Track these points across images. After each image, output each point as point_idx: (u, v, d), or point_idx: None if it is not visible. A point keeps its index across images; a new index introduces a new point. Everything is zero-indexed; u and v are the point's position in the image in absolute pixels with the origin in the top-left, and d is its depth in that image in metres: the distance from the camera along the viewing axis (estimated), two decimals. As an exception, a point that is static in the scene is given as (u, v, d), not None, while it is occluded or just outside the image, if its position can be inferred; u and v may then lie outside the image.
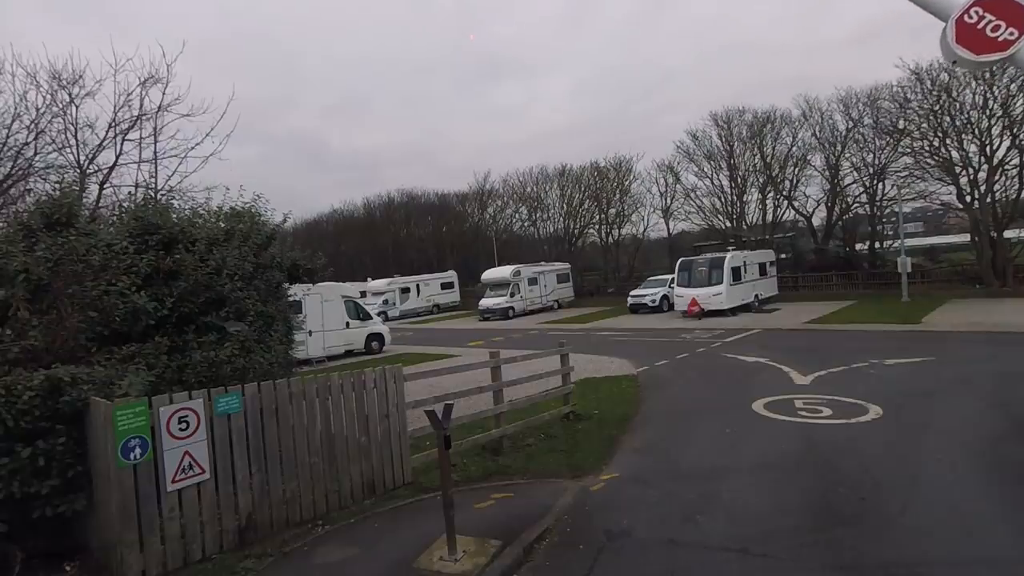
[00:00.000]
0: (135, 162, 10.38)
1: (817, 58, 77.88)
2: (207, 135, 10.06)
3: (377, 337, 20.38)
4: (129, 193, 10.30)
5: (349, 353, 19.81)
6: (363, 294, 40.88)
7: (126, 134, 10.98)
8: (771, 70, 79.20)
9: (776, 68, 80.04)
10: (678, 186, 36.28)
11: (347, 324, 19.36)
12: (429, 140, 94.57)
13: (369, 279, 41.18)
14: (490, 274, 33.05)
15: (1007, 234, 24.94)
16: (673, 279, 25.11)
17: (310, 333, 18.11)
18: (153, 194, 9.17)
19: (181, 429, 3.90)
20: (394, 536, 4.77)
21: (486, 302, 31.39)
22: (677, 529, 4.77)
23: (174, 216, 7.12)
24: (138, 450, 3.69)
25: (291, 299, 17.77)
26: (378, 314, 37.14)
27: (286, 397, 4.72)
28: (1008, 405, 8.03)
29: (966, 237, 29.06)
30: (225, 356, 5.72)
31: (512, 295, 31.07)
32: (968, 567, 4.01)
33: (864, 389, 9.26)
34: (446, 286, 41.09)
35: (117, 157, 10.89)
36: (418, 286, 39.74)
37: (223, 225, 7.13)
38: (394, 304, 38.39)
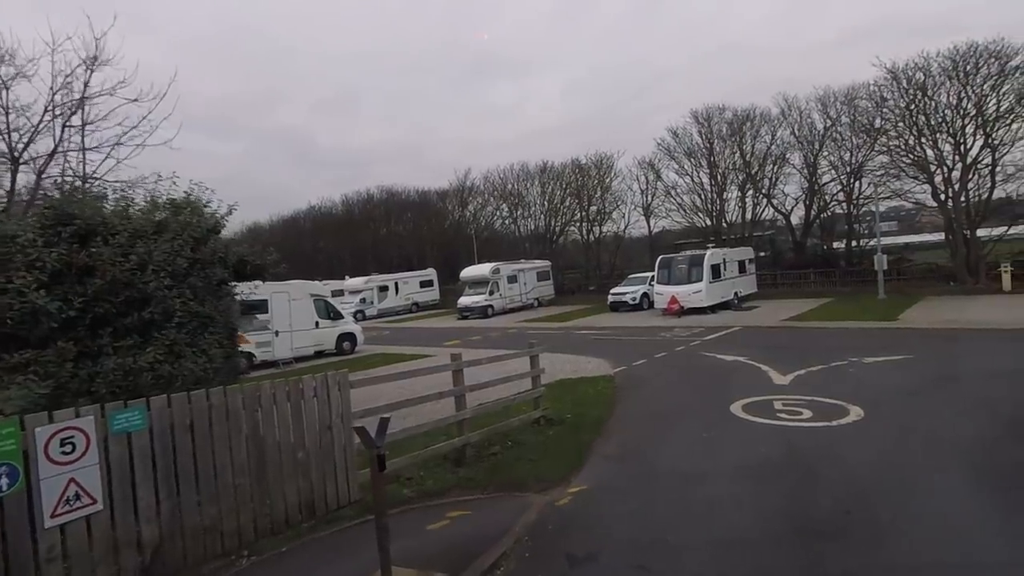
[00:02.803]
0: (78, 150, 9.57)
1: (806, 60, 78.88)
2: (143, 118, 9.30)
3: (349, 337, 19.68)
4: (68, 183, 9.51)
5: (320, 354, 19.09)
6: (340, 292, 40.10)
7: (67, 120, 10.17)
8: (764, 72, 79.93)
9: (768, 70, 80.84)
10: (659, 183, 36.09)
11: (317, 324, 18.63)
12: (419, 138, 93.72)
13: (347, 277, 40.27)
14: (469, 272, 32.45)
15: (980, 232, 25.13)
16: (653, 277, 24.82)
17: (276, 333, 17.40)
18: (82, 183, 8.40)
19: (64, 452, 3.30)
20: (329, 567, 4.23)
21: (465, 300, 30.80)
22: (648, 552, 4.31)
23: (108, 207, 6.46)
24: (4, 480, 3.09)
25: (254, 298, 17.13)
26: (355, 313, 36.45)
27: (204, 410, 4.13)
28: (989, 404, 7.76)
29: (939, 236, 29.35)
30: (146, 363, 5.09)
31: (491, 293, 30.53)
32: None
33: (844, 389, 8.95)
34: (425, 284, 40.38)
35: (57, 145, 10.08)
36: (397, 284, 38.97)
37: (157, 216, 6.47)
38: (372, 303, 37.59)
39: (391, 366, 15.01)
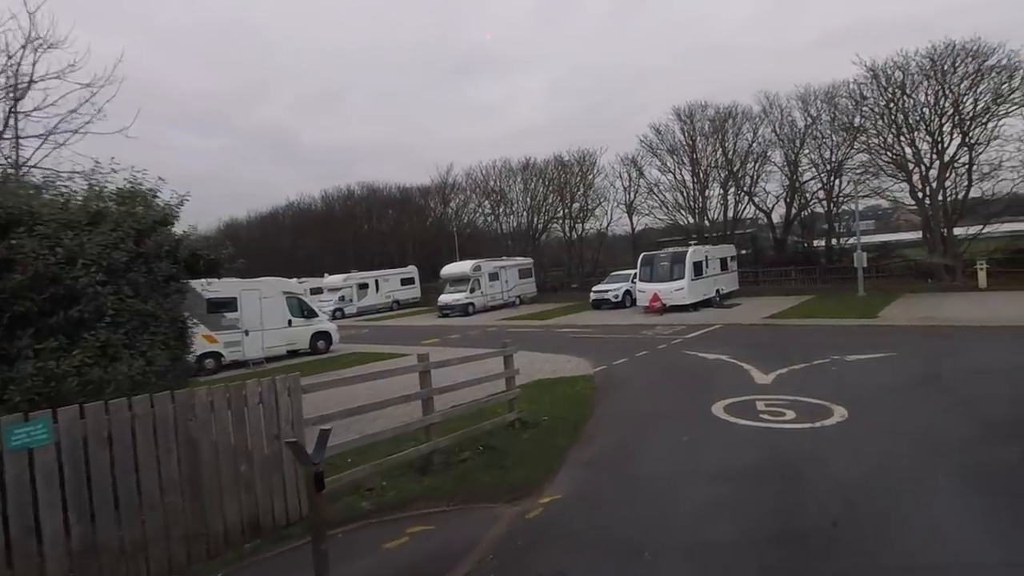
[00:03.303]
0: (15, 137, 8.93)
1: (790, 60, 79.55)
2: (86, 101, 8.71)
3: (324, 336, 19.10)
4: (11, 172, 8.86)
5: (293, 353, 18.50)
6: (319, 290, 39.27)
7: (15, 107, 9.50)
8: (748, 72, 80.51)
9: (752, 70, 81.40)
10: (641, 181, 35.97)
11: (289, 322, 18.02)
12: (405, 136, 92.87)
13: (326, 274, 39.46)
14: (449, 269, 31.96)
15: (956, 231, 25.37)
16: (636, 274, 24.61)
17: (247, 333, 16.78)
18: (15, 171, 7.80)
19: (-55, 474, 2.85)
20: (269, 594, 3.81)
21: (445, 298, 30.32)
22: (623, 570, 3.96)
23: (45, 196, 5.92)
24: None
25: (222, 296, 16.51)
26: (334, 311, 35.75)
27: (125, 420, 3.67)
28: (972, 403, 7.58)
29: (917, 234, 29.64)
30: (71, 367, 4.59)
31: (472, 291, 30.09)
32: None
33: (827, 388, 8.73)
34: (406, 282, 39.77)
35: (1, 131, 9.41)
36: (377, 282, 38.31)
37: (97, 206, 5.94)
38: (351, 300, 36.90)
39: (364, 366, 14.55)
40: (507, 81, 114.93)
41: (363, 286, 37.65)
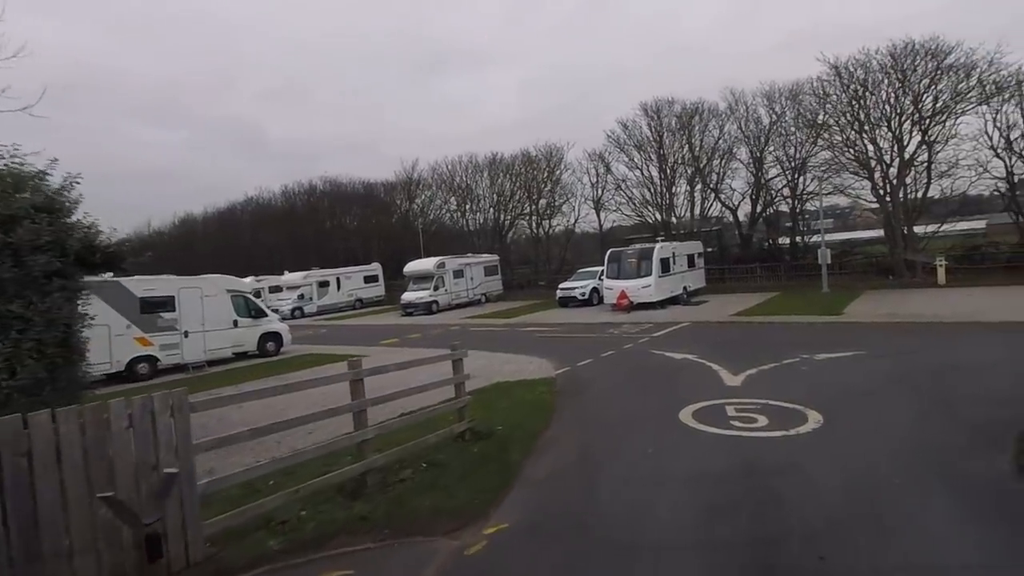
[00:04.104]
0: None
1: (760, 61, 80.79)
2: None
3: (273, 337, 17.91)
4: None
5: (242, 356, 17.30)
6: (278, 288, 37.64)
7: None
8: (718, 72, 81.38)
9: (722, 70, 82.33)
10: (609, 176, 35.63)
11: (235, 323, 16.80)
12: (373, 132, 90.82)
13: (286, 272, 37.84)
14: (413, 266, 30.95)
15: (916, 228, 25.76)
16: (603, 271, 24.13)
17: (186, 334, 15.52)
18: None
19: None
20: None
21: (408, 296, 29.31)
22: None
23: None
24: None
25: (155, 296, 15.21)
26: (292, 310, 34.30)
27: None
28: (950, 404, 7.20)
29: (878, 232, 30.12)
30: None
31: (436, 288, 29.15)
32: None
33: (799, 390, 8.25)
34: (370, 279, 38.48)
35: None
36: (338, 279, 36.93)
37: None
38: (311, 299, 35.47)
39: (296, 372, 13.58)
40: (478, 78, 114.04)
41: (324, 284, 36.25)
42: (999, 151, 24.20)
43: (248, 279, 38.31)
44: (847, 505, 4.57)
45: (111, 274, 15.23)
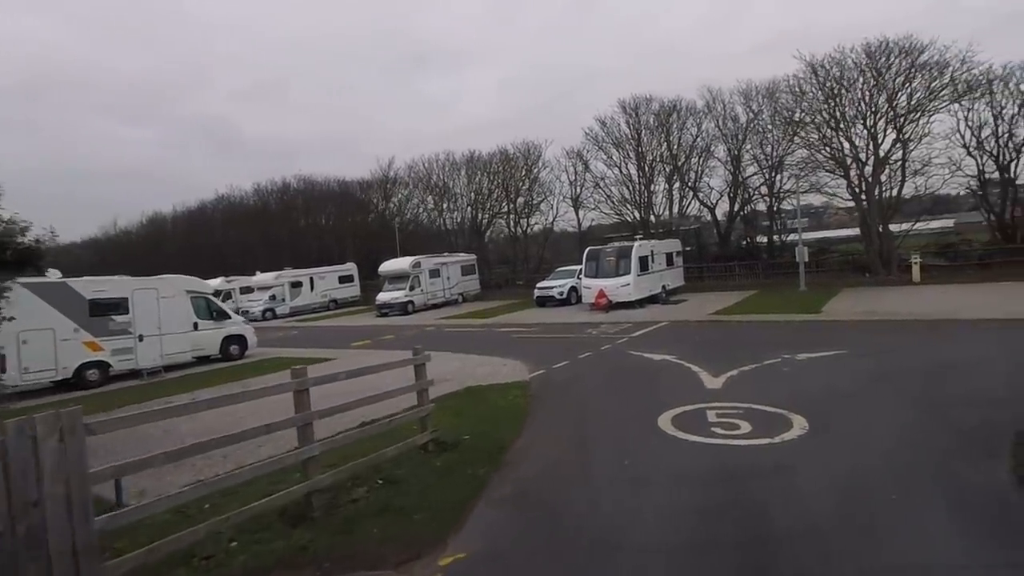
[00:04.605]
0: None
1: (743, 62, 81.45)
2: None
3: (237, 340, 17.09)
4: None
5: (204, 360, 16.46)
6: (249, 289, 36.48)
7: None
8: (700, 74, 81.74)
9: (702, 71, 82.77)
10: (587, 174, 35.30)
11: (195, 325, 15.94)
12: (352, 130, 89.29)
13: (258, 272, 36.68)
14: (388, 266, 30.18)
15: (891, 227, 25.91)
16: (581, 270, 23.72)
17: (141, 338, 14.64)
18: None
19: None
20: None
21: (383, 296, 28.55)
22: None
23: None
24: None
25: (105, 297, 14.30)
26: (264, 311, 33.23)
27: None
28: (939, 408, 6.86)
29: (854, 231, 30.32)
30: None
31: (412, 288, 28.45)
32: None
33: (782, 393, 7.88)
34: (345, 279, 37.52)
35: None
36: (312, 280, 35.93)
37: None
38: (283, 300, 34.42)
39: (267, 377, 12.86)
40: (458, 77, 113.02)
41: (297, 284, 35.23)
42: (971, 150, 24.50)
43: (218, 280, 37.16)
44: (839, 522, 4.14)
45: (58, 273, 14.51)
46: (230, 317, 17.27)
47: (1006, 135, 24.01)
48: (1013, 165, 24.39)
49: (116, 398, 11.70)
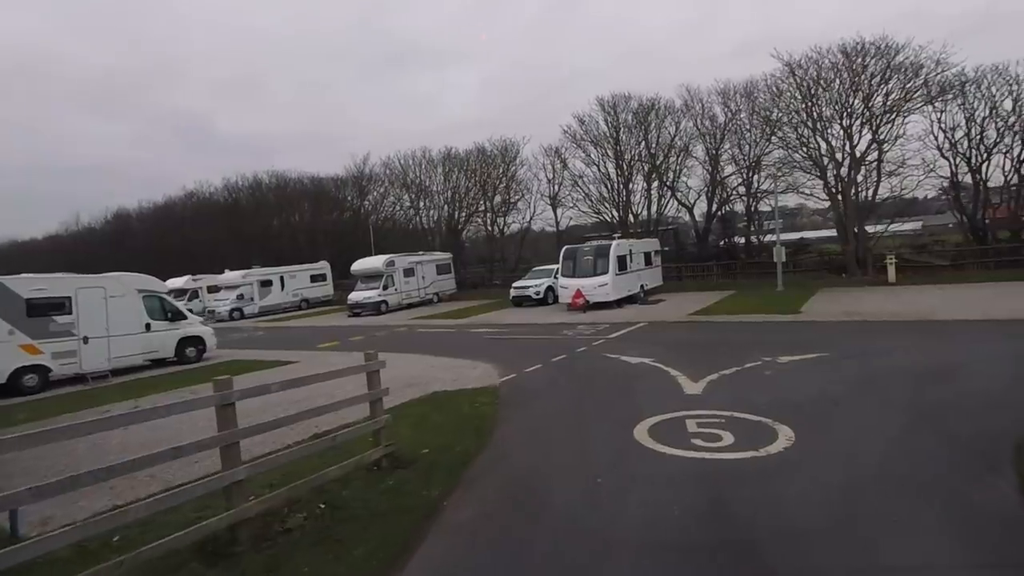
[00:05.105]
0: None
1: (728, 64, 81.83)
2: None
3: (194, 342, 16.13)
4: None
5: (159, 363, 15.48)
6: (216, 288, 35.17)
7: None
8: (681, 76, 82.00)
9: (684, 73, 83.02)
10: (565, 172, 34.85)
11: (148, 327, 14.95)
12: (331, 129, 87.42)
13: (227, 270, 35.34)
14: (360, 265, 29.27)
15: (867, 227, 26.00)
16: (558, 269, 23.21)
17: (85, 340, 13.63)
18: None
19: None
20: None
21: (356, 296, 27.65)
22: None
23: None
24: None
25: (44, 297, 13.26)
26: (231, 311, 31.99)
27: None
28: (931, 417, 6.43)
29: (831, 231, 30.44)
30: None
31: (385, 288, 27.61)
32: None
33: (765, 399, 7.41)
34: (317, 278, 36.42)
35: None
36: (282, 278, 34.75)
37: None
38: (252, 299, 33.19)
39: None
40: (438, 76, 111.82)
41: (266, 283, 34.03)
42: (944, 151, 24.68)
43: (184, 278, 35.76)
44: (836, 552, 3.62)
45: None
46: (186, 317, 16.28)
47: (978, 137, 24.26)
48: (985, 167, 24.68)
49: (51, 407, 10.76)
